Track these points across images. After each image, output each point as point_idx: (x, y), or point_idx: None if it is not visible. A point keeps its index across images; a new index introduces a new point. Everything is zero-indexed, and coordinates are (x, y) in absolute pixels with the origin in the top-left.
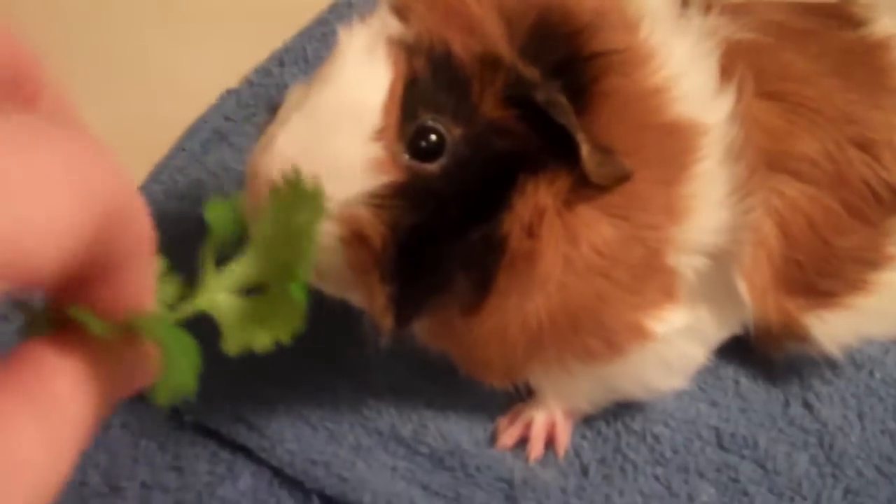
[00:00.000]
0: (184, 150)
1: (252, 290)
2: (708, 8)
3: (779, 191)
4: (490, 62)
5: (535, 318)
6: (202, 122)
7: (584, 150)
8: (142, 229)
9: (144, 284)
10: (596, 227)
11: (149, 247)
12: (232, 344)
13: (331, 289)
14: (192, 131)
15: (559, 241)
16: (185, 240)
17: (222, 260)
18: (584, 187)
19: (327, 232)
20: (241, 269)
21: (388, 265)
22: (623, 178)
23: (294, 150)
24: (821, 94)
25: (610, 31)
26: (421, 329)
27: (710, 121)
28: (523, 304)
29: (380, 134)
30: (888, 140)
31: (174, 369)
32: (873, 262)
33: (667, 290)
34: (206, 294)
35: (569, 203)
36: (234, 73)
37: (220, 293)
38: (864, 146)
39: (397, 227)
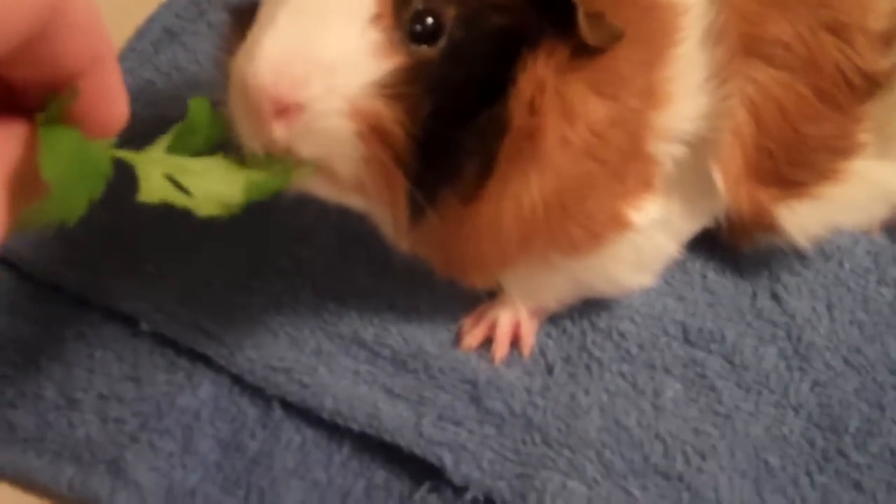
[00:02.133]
0: (134, 50)
1: None
2: None
3: (752, 77)
4: None
5: (529, 203)
6: (152, 21)
7: (581, 13)
8: (90, 30)
9: (110, 90)
10: (590, 105)
11: (105, 52)
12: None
13: (336, 194)
14: (142, 31)
15: (557, 118)
16: (138, 142)
17: None
18: (577, 61)
19: (342, 128)
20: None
21: (409, 158)
22: (617, 38)
23: (285, 50)
24: None
25: None
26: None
27: (689, 0)
28: (519, 189)
29: (377, 20)
30: (861, 24)
31: (65, 188)
32: (844, 150)
33: (645, 178)
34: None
35: (564, 78)
36: None
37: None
38: (837, 30)
39: (414, 116)
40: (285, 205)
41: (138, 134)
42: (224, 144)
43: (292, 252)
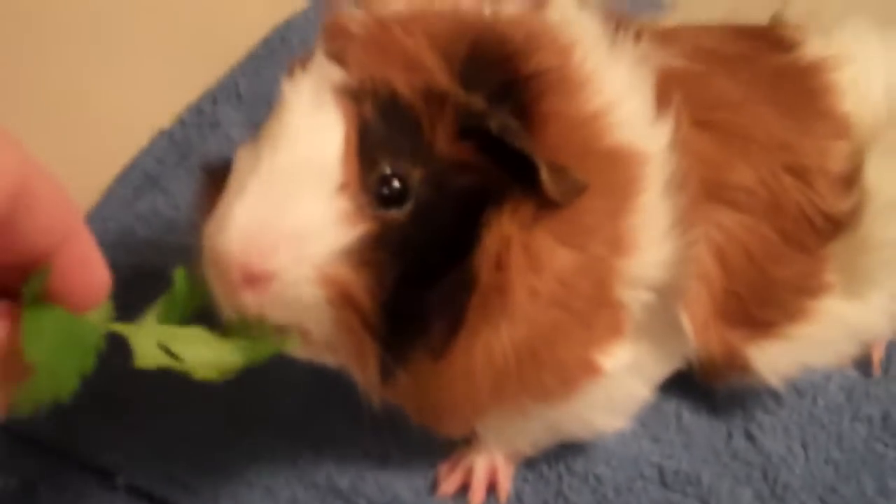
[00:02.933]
0: (114, 196)
1: None
2: (639, 35)
3: (717, 221)
4: (435, 97)
5: (500, 353)
6: (133, 166)
7: (543, 169)
8: (58, 205)
9: (87, 261)
10: (556, 255)
11: (74, 225)
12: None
13: (309, 353)
14: (123, 176)
15: (524, 270)
16: (119, 290)
17: None
18: (542, 214)
19: (312, 295)
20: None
21: (378, 321)
22: (580, 191)
23: (254, 220)
24: (754, 122)
25: (544, 53)
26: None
27: (651, 149)
28: (489, 339)
29: (343, 188)
30: (821, 166)
31: (52, 368)
32: (811, 290)
33: (615, 324)
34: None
35: (530, 231)
36: (165, 111)
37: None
38: (799, 173)
39: (382, 281)
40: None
41: (119, 281)
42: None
43: (269, 403)
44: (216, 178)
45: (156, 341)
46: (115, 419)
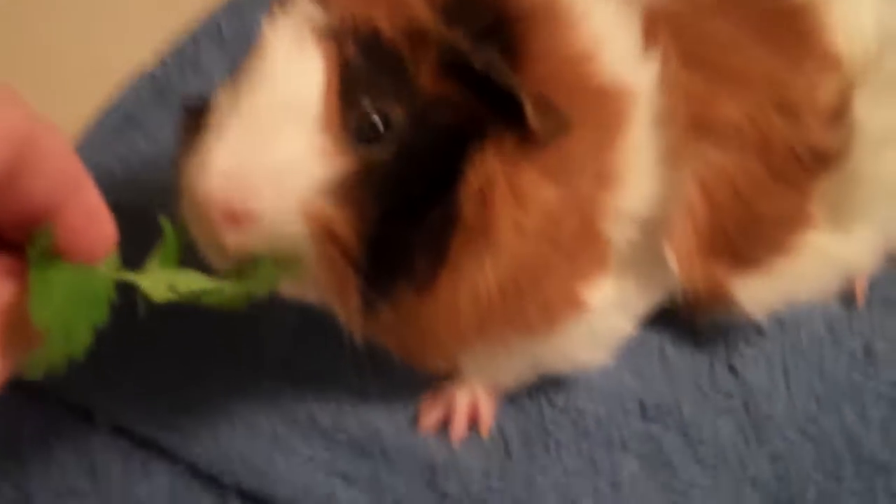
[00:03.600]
0: (94, 136)
1: None
2: None
3: (704, 157)
4: (418, 35)
5: (485, 288)
6: (114, 106)
7: (528, 105)
8: (63, 159)
9: (93, 214)
10: (541, 189)
11: (79, 179)
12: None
13: (294, 289)
14: (103, 116)
15: (510, 205)
16: None
17: None
18: (527, 148)
19: (294, 231)
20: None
21: (360, 259)
22: (566, 127)
23: (234, 160)
24: (742, 58)
25: None
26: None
27: (639, 86)
28: (474, 274)
29: (324, 125)
30: (810, 101)
31: (63, 326)
32: (796, 224)
33: (600, 259)
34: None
35: (515, 166)
36: (147, 51)
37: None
38: (787, 108)
39: (365, 217)
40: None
41: None
42: None
43: (250, 339)
44: (196, 116)
45: (164, 284)
46: (95, 358)
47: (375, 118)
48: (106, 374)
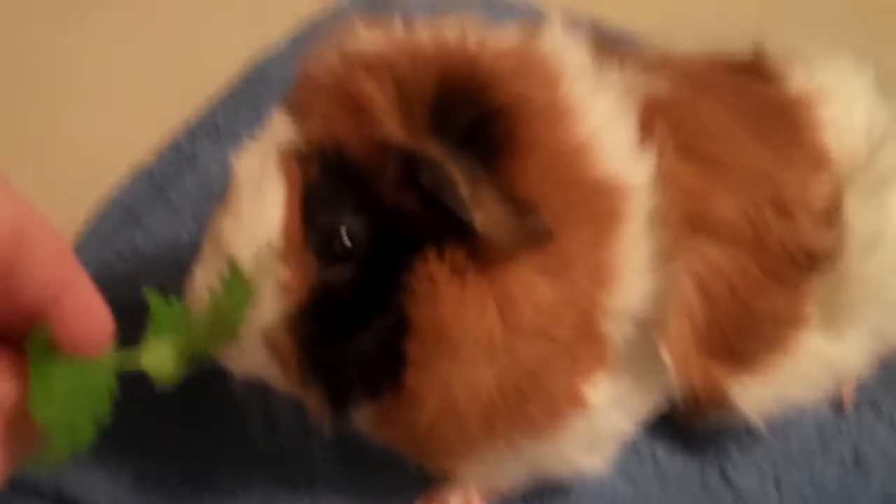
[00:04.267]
0: (95, 232)
1: None
2: (623, 62)
3: (700, 254)
4: (381, 147)
5: (483, 387)
6: (112, 202)
7: (479, 220)
8: (56, 253)
9: (88, 308)
10: (534, 286)
11: (73, 273)
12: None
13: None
14: (102, 212)
15: (483, 303)
16: None
17: None
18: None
19: (256, 353)
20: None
21: (306, 374)
22: (543, 237)
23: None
24: (738, 153)
25: (528, 81)
26: (368, 422)
27: (634, 181)
28: (465, 373)
29: (284, 255)
30: (803, 200)
31: (65, 422)
32: (791, 323)
33: (599, 356)
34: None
35: (493, 264)
36: (145, 146)
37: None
38: (781, 206)
39: (308, 343)
40: (240, 392)
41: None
42: None
43: (249, 440)
44: None
45: (168, 356)
46: (90, 460)
47: (338, 237)
48: (102, 473)
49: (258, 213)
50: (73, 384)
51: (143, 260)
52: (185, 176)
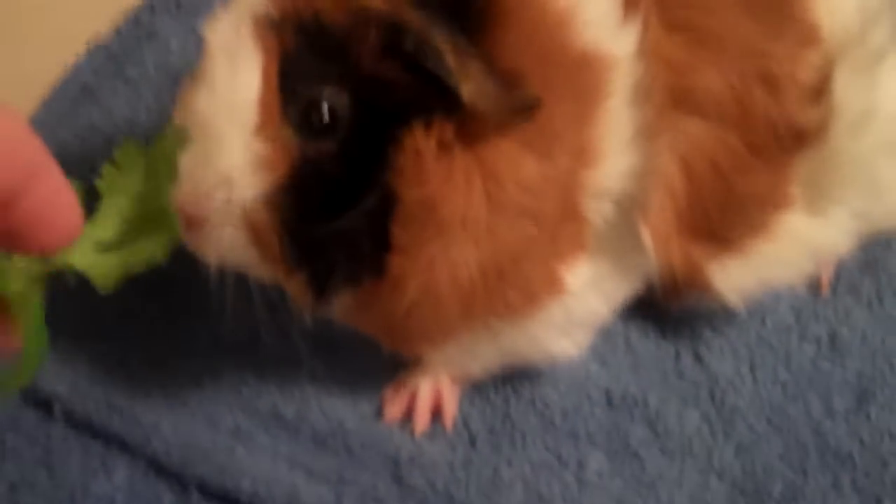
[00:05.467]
0: (50, 110)
1: None
2: None
3: (683, 130)
4: (361, 15)
5: (465, 269)
6: (70, 78)
7: (466, 90)
8: (20, 142)
9: (57, 200)
10: (518, 162)
11: (40, 162)
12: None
13: (255, 276)
14: (59, 89)
15: (470, 180)
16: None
17: None
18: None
19: (235, 237)
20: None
21: (290, 256)
22: (530, 107)
23: (192, 168)
24: (725, 24)
25: None
26: (345, 309)
27: (617, 53)
28: (448, 254)
29: (260, 128)
30: (791, 75)
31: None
32: (774, 204)
33: (578, 238)
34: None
35: (478, 139)
36: (104, 20)
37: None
38: (768, 81)
39: (290, 221)
40: (203, 279)
41: None
42: None
43: (210, 326)
44: None
45: (91, 249)
46: (51, 348)
47: (319, 109)
48: (62, 362)
49: (233, 83)
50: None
51: (100, 139)
52: (145, 52)
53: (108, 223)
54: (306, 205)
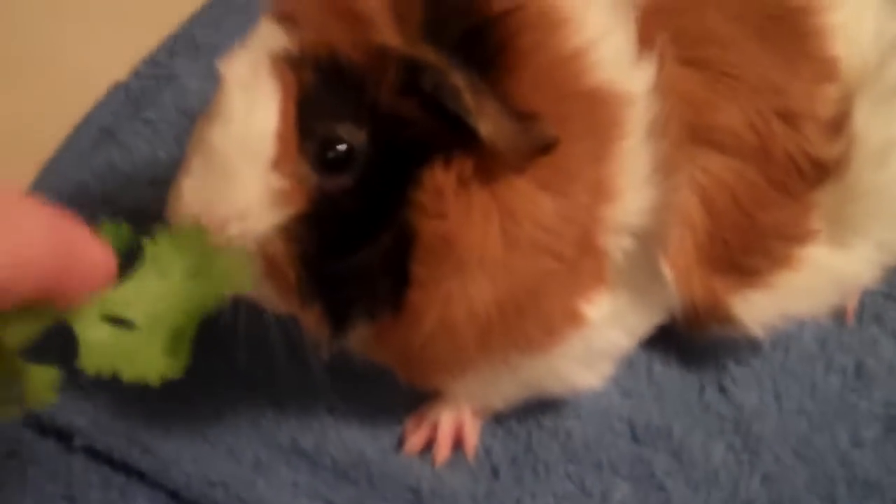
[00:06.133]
0: (70, 151)
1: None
2: None
3: (703, 165)
4: (379, 54)
5: (481, 304)
6: (89, 119)
7: (484, 128)
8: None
9: (92, 262)
10: (534, 200)
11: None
12: (89, 365)
13: (270, 308)
14: (79, 130)
15: (487, 217)
16: None
17: None
18: (513, 163)
19: (252, 268)
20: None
21: (305, 289)
22: (547, 145)
23: (199, 200)
24: (743, 61)
25: None
26: (361, 341)
27: (634, 90)
28: (465, 290)
29: (278, 162)
30: (810, 110)
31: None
32: (797, 237)
33: (598, 273)
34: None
35: (494, 177)
36: (123, 63)
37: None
38: (787, 116)
39: (307, 255)
40: (222, 312)
41: None
42: None
43: (230, 359)
44: None
45: (97, 317)
46: (72, 380)
47: (336, 145)
48: (82, 396)
49: (250, 118)
50: None
51: (119, 179)
52: (163, 93)
53: (128, 298)
54: (323, 239)
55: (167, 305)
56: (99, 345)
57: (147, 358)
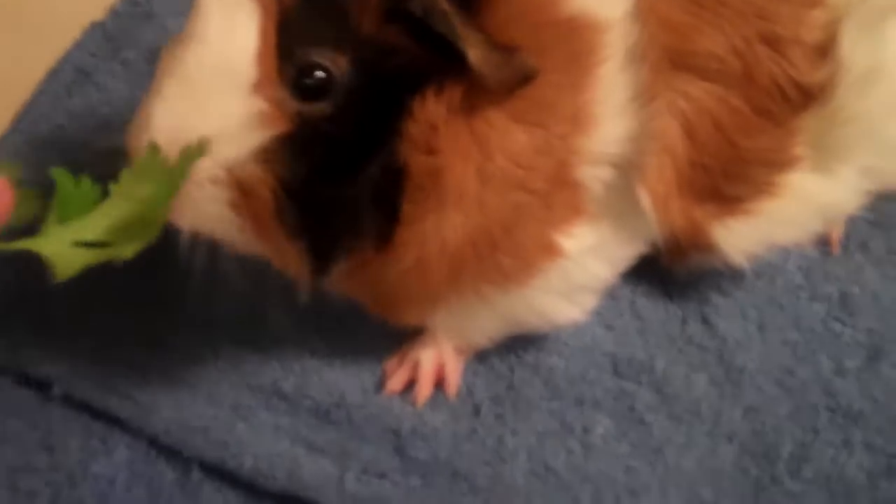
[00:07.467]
0: (46, 93)
1: None
2: None
3: (684, 91)
4: None
5: (453, 240)
6: (65, 60)
7: (473, 55)
8: None
9: None
10: (509, 134)
11: None
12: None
13: (240, 249)
14: (55, 72)
15: (467, 151)
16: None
17: None
18: (489, 93)
19: (215, 198)
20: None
21: (289, 218)
22: (527, 76)
23: (172, 122)
24: None
25: None
26: (334, 276)
27: (611, 16)
28: (440, 226)
29: (258, 85)
30: (796, 35)
31: None
32: (780, 164)
33: (575, 204)
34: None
35: (473, 110)
36: (99, 2)
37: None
38: (772, 42)
39: (289, 179)
40: (198, 256)
41: (51, 183)
42: None
43: (208, 303)
44: None
45: (68, 242)
46: (48, 329)
47: (316, 71)
48: (58, 344)
49: (229, 38)
50: None
51: (98, 121)
52: (142, 32)
53: (97, 225)
54: (305, 166)
55: (129, 215)
56: (71, 258)
57: (118, 248)
